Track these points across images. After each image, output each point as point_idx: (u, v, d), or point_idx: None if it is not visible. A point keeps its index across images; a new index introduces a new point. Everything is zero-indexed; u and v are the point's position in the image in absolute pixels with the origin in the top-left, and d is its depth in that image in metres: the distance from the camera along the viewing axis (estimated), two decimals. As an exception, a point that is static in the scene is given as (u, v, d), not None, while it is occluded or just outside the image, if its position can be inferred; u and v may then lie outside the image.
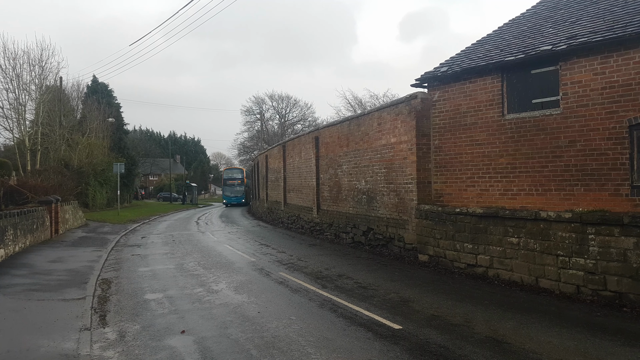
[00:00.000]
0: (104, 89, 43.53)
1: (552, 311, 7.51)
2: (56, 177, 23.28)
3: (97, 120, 36.67)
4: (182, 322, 7.14)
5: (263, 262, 12.43)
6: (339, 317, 7.27)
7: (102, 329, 6.95)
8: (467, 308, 7.69)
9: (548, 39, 9.80)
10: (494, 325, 6.77)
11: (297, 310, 7.70)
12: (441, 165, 11.76)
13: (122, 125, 45.65)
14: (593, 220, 8.15)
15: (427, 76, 11.85)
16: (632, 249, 7.63)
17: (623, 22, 8.51)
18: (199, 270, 11.58)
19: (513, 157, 10.03)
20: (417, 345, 5.97)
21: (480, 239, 10.28)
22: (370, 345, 5.98)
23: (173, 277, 10.67)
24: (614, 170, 8.32)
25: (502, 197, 10.24)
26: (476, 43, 12.48)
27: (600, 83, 8.50)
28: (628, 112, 8.10)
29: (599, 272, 8.08)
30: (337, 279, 10.17)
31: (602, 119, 8.48)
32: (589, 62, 8.65)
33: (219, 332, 6.66)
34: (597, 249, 8.10)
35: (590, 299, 8.11)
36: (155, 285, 9.86)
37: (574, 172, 8.92)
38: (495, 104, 10.43)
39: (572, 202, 8.92)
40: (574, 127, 8.90)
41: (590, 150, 8.65)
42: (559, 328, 6.59)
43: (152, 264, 12.65)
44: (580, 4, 10.97)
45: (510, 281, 9.53)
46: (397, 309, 7.71)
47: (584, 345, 5.92)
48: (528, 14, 12.51)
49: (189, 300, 8.49)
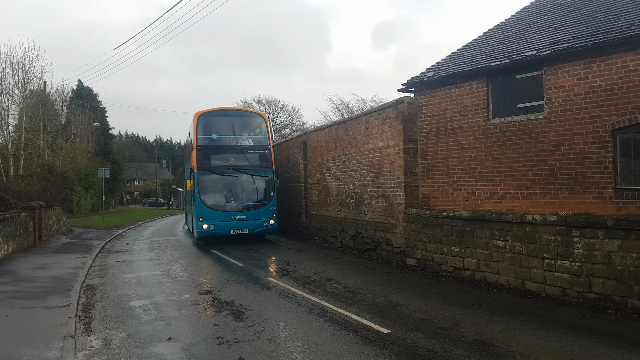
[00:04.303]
0: (88, 93, 42.99)
1: (538, 314, 7.58)
2: (40, 182, 22.88)
3: (82, 125, 36.18)
4: (168, 329, 7.05)
5: (251, 267, 12.35)
6: (327, 322, 7.24)
7: (86, 336, 6.82)
8: (455, 311, 7.72)
9: (532, 44, 9.95)
10: (482, 328, 6.80)
11: (285, 315, 7.65)
12: (428, 169, 11.83)
13: (107, 129, 45.07)
14: (578, 223, 8.26)
15: (414, 81, 11.94)
16: (616, 252, 7.75)
17: (605, 28, 8.68)
18: (186, 276, 11.46)
19: (499, 161, 10.14)
20: (406, 350, 5.97)
21: (467, 243, 10.35)
22: (359, 350, 5.96)
23: (159, 284, 10.54)
24: (598, 173, 8.46)
25: (489, 200, 10.33)
26: (462, 48, 12.62)
27: (583, 88, 8.64)
28: (611, 117, 8.25)
29: (584, 275, 8.18)
30: (326, 283, 10.14)
31: (585, 123, 8.62)
32: (573, 67, 8.80)
33: (207, 338, 6.58)
34: (582, 252, 8.21)
35: (575, 301, 8.21)
36: (141, 291, 9.73)
37: (558, 176, 9.04)
38: (480, 109, 10.54)
39: (557, 206, 9.04)
40: (558, 131, 9.03)
41: (575, 154, 8.79)
42: (546, 330, 6.65)
43: (137, 270, 12.48)
44: (563, 10, 11.17)
45: (497, 284, 9.60)
46: (385, 313, 7.70)
47: (571, 347, 5.98)
48: (512, 19, 12.70)
49: (176, 306, 8.39)
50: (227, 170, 17.08)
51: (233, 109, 18.69)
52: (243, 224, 16.70)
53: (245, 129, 19.13)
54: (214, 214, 16.52)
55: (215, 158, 17.14)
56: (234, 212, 16.77)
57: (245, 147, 18.07)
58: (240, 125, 18.85)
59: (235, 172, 17.15)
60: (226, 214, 16.63)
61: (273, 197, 17.31)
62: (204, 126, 17.64)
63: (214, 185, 17.11)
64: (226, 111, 19.04)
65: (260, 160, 17.53)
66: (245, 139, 18.88)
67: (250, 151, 17.77)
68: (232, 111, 18.76)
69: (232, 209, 16.88)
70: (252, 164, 17.40)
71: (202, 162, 16.92)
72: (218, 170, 17.01)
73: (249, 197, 17.32)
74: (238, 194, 17.32)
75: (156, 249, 17.18)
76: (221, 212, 16.64)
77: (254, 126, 19.04)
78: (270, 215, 17.08)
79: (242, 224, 16.70)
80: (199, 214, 16.45)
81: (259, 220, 16.90)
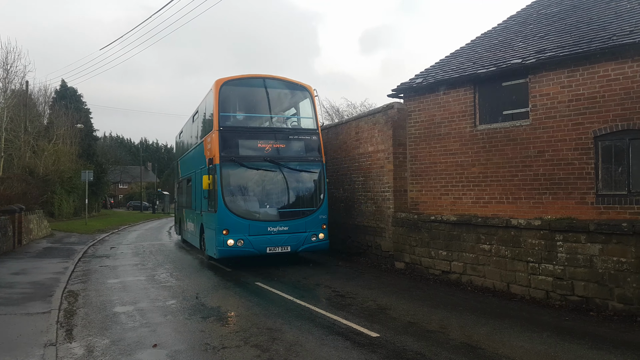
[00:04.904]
0: (72, 94, 42.33)
1: (523, 316, 7.69)
2: (20, 185, 22.38)
3: (65, 126, 35.57)
4: (154, 335, 6.95)
5: (240, 272, 12.27)
6: (316, 326, 7.23)
7: (68, 343, 6.68)
8: (442, 314, 7.79)
9: (518, 52, 10.13)
10: (469, 331, 6.88)
11: (274, 320, 7.62)
12: (417, 173, 11.94)
13: (91, 131, 44.42)
14: (561, 228, 8.42)
15: (403, 87, 12.06)
16: (597, 255, 7.92)
17: (588, 38, 8.89)
18: (171, 281, 11.33)
19: (485, 166, 10.28)
20: (395, 353, 5.99)
21: (454, 246, 10.46)
22: (348, 355, 5.97)
23: (144, 289, 10.40)
24: (580, 179, 8.64)
25: (475, 205, 10.47)
26: (450, 55, 12.79)
27: (567, 96, 8.83)
28: (593, 124, 8.45)
29: (566, 278, 8.33)
30: (315, 287, 10.13)
31: (569, 130, 8.81)
32: (557, 76, 8.99)
33: (194, 345, 6.52)
34: (565, 255, 8.36)
35: (559, 303, 8.35)
36: (125, 297, 9.58)
37: (542, 181, 9.21)
38: (467, 115, 10.69)
39: (541, 210, 9.20)
40: (543, 137, 9.21)
41: (558, 160, 8.96)
42: (530, 333, 6.75)
43: (121, 275, 12.30)
44: (548, 20, 11.41)
45: (483, 287, 9.72)
46: (374, 316, 7.73)
47: (554, 349, 6.08)
48: (499, 28, 12.93)
49: (162, 312, 8.28)
50: (262, 163, 12.52)
51: (268, 76, 13.42)
52: (284, 239, 12.17)
53: (284, 105, 14.46)
54: (243, 225, 11.91)
55: (246, 145, 12.60)
56: (271, 222, 12.23)
57: (286, 132, 13.35)
58: (278, 100, 14.03)
59: (274, 165, 12.56)
60: (261, 224, 12.10)
61: (323, 201, 12.90)
62: (228, 99, 13.09)
63: (243, 183, 12.63)
64: (257, 80, 13.58)
65: (307, 150, 13.06)
66: (286, 119, 14.23)
67: (293, 137, 13.10)
68: (268, 80, 13.54)
69: (268, 218, 12.36)
70: (296, 155, 12.91)
71: (228, 150, 12.33)
72: (250, 162, 12.44)
73: (291, 201, 12.87)
74: (277, 197, 12.76)
75: (141, 253, 16.94)
76: (254, 221, 12.09)
77: (296, 102, 14.24)
78: (319, 225, 12.68)
79: (283, 239, 12.16)
80: (222, 223, 11.92)
81: (304, 233, 12.39)
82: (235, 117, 13.31)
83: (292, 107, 14.41)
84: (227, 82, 12.88)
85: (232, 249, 11.92)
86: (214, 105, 12.63)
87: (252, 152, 12.58)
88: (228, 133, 12.53)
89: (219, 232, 11.97)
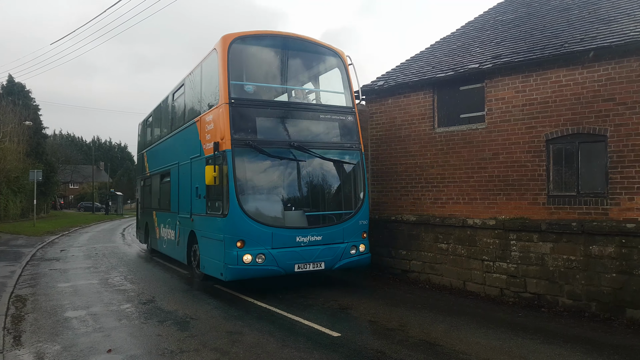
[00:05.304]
0: (20, 89, 40.13)
1: (479, 313, 7.94)
2: (-39, 184, 21.00)
3: (12, 124, 33.64)
4: (108, 340, 6.67)
5: (198, 274, 11.98)
6: (278, 328, 7.17)
7: (16, 350, 6.31)
8: (402, 313, 7.92)
9: (475, 57, 10.47)
10: (427, 328, 7.02)
11: (233, 323, 7.49)
12: (378, 175, 12.09)
13: (40, 129, 42.19)
14: (514, 227, 8.76)
15: (365, 89, 12.17)
16: (548, 254, 8.29)
17: (542, 45, 9.30)
18: (126, 285, 10.93)
19: (443, 168, 10.55)
20: (355, 352, 6.03)
21: (413, 246, 10.66)
22: (310, 355, 5.95)
23: (97, 293, 9.98)
24: (533, 180, 9.02)
25: (433, 205, 10.72)
26: (410, 59, 13.04)
27: (521, 100, 9.20)
28: (545, 128, 8.84)
29: (520, 276, 8.67)
30: (274, 289, 10.04)
31: (522, 133, 9.18)
32: (512, 81, 9.35)
33: (150, 349, 6.30)
34: (518, 254, 8.70)
35: (512, 300, 8.68)
36: (77, 302, 9.15)
37: (497, 182, 9.54)
38: (427, 118, 10.93)
39: (495, 210, 9.53)
40: (498, 140, 9.55)
41: (512, 162, 9.32)
42: (486, 329, 6.98)
43: (73, 279, 11.75)
44: (504, 27, 11.84)
45: (441, 285, 9.96)
46: (336, 316, 7.75)
47: (508, 344, 6.31)
48: (457, 33, 13.31)
49: (116, 317, 7.97)
50: (287, 151, 9.42)
51: (290, 35, 10.25)
52: (316, 253, 9.16)
53: (309, 74, 11.05)
54: (265, 234, 8.82)
55: (266, 126, 9.50)
56: (300, 230, 9.16)
57: (316, 109, 10.30)
58: (302, 66, 10.69)
59: (302, 154, 9.50)
60: (288, 233, 9.03)
61: (364, 202, 9.98)
62: (239, 62, 9.72)
63: (264, 177, 9.52)
64: (276, 38, 10.18)
65: (343, 134, 10.15)
66: (313, 92, 11.07)
67: (325, 116, 10.06)
68: (290, 40, 10.25)
69: (297, 224, 9.29)
70: (329, 140, 10.03)
71: (242, 132, 9.12)
72: (272, 148, 9.30)
73: (324, 202, 10.00)
74: (306, 196, 9.79)
75: (93, 256, 16.27)
76: (279, 229, 9.00)
77: (324, 71, 10.98)
78: (359, 234, 9.79)
79: (315, 253, 9.15)
80: (235, 232, 8.77)
81: (342, 244, 9.46)
82: (249, 88, 9.72)
83: (319, 77, 11.15)
84: (238, 39, 9.49)
85: (250, 267, 8.71)
86: (219, 71, 9.29)
87: (273, 135, 9.50)
88: (242, 108, 9.23)
89: (230, 244, 8.74)
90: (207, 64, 10.40)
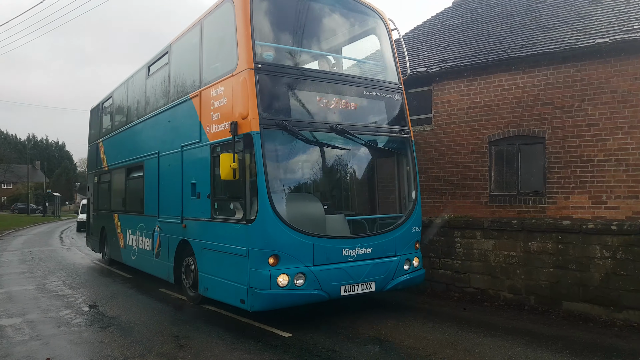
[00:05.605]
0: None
1: (425, 308, 8.17)
2: None
3: None
4: (46, 348, 6.26)
5: (139, 278, 11.51)
6: (227, 330, 7.02)
7: (-63, 365, 5.78)
8: (352, 311, 7.99)
9: (424, 61, 10.78)
10: (377, 325, 7.13)
11: (181, 327, 7.26)
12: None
13: (-33, 125, 39.09)
14: (459, 225, 9.09)
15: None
16: (491, 250, 8.67)
17: (486, 50, 9.73)
18: (65, 290, 10.32)
19: (393, 168, 10.77)
20: (307, 351, 6.02)
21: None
22: (261, 357, 5.87)
23: (34, 299, 9.35)
24: (476, 180, 9.41)
25: (383, 205, 10.92)
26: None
27: (466, 103, 9.58)
28: (488, 130, 9.25)
29: (464, 272, 9.02)
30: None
31: (466, 135, 9.56)
32: (457, 84, 9.71)
33: (92, 357, 5.98)
34: (463, 251, 9.05)
35: (457, 295, 9.01)
36: (12, 309, 8.53)
37: (442, 182, 9.88)
38: (377, 118, 11.12)
39: (440, 209, 9.86)
40: (444, 142, 9.89)
41: (457, 163, 9.68)
42: (432, 324, 7.19)
43: (6, 285, 10.95)
44: (451, 31, 12.27)
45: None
46: (286, 317, 7.70)
47: (454, 338, 6.53)
48: (407, 37, 13.65)
49: (55, 324, 7.50)
50: (326, 135, 7.20)
51: None
52: (366, 270, 7.11)
53: (346, 38, 8.65)
54: (305, 246, 6.61)
55: (302, 100, 7.14)
56: (347, 240, 7.06)
57: (359, 82, 7.78)
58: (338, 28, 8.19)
59: (344, 140, 7.40)
60: (332, 245, 6.88)
61: (416, 203, 7.91)
62: (264, 18, 7.32)
63: (299, 169, 7.61)
64: None
65: (389, 116, 8.00)
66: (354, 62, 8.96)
67: (370, 93, 7.77)
68: None
69: (340, 232, 7.28)
70: (376, 124, 7.87)
71: (273, 109, 6.80)
72: (309, 131, 7.06)
73: (372, 203, 8.29)
74: (350, 196, 8.27)
75: (28, 260, 15.25)
76: (321, 239, 6.79)
77: (364, 35, 8.76)
78: (412, 244, 7.79)
79: (365, 270, 7.10)
80: (267, 243, 6.49)
81: (394, 257, 7.45)
82: (268, 55, 7.15)
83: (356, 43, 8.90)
84: None
85: (286, 292, 6.50)
86: (238, 26, 6.88)
87: (310, 114, 7.14)
88: (272, 76, 6.88)
89: (259, 260, 6.48)
90: (214, 20, 7.98)
